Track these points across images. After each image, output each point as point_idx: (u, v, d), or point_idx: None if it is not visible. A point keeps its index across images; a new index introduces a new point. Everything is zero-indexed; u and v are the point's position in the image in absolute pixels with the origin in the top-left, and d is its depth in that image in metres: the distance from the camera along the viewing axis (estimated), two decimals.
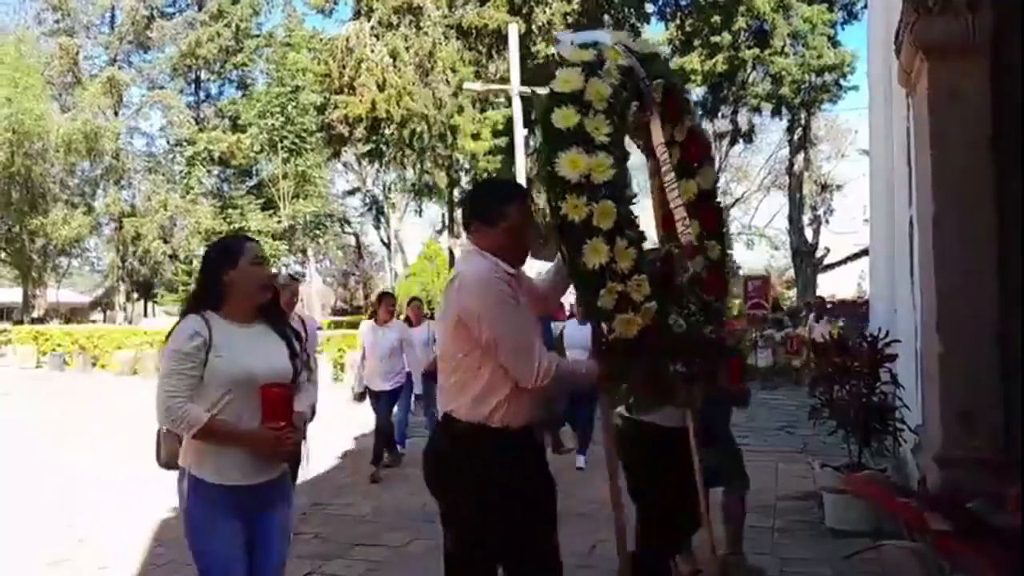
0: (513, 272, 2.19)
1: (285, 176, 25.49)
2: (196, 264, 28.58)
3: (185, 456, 2.29)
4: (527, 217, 2.27)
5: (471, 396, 2.12)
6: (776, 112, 24.42)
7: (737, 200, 41.27)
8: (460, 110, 22.67)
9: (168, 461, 2.41)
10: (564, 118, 2.20)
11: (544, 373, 2.07)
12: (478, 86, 19.40)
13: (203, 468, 2.24)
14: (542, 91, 18.06)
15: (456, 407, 2.17)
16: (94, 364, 17.72)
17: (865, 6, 19.48)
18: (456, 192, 29.00)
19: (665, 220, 2.62)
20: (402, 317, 7.57)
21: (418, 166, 25.67)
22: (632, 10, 23.49)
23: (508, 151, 19.77)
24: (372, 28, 22.83)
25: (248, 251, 2.33)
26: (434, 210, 34.29)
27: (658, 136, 2.50)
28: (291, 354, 2.37)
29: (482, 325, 2.07)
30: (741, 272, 22.94)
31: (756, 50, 22.49)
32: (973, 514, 1.29)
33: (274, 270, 4.01)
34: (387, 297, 7.07)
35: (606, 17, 23.19)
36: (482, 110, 23.06)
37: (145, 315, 32.43)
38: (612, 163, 2.20)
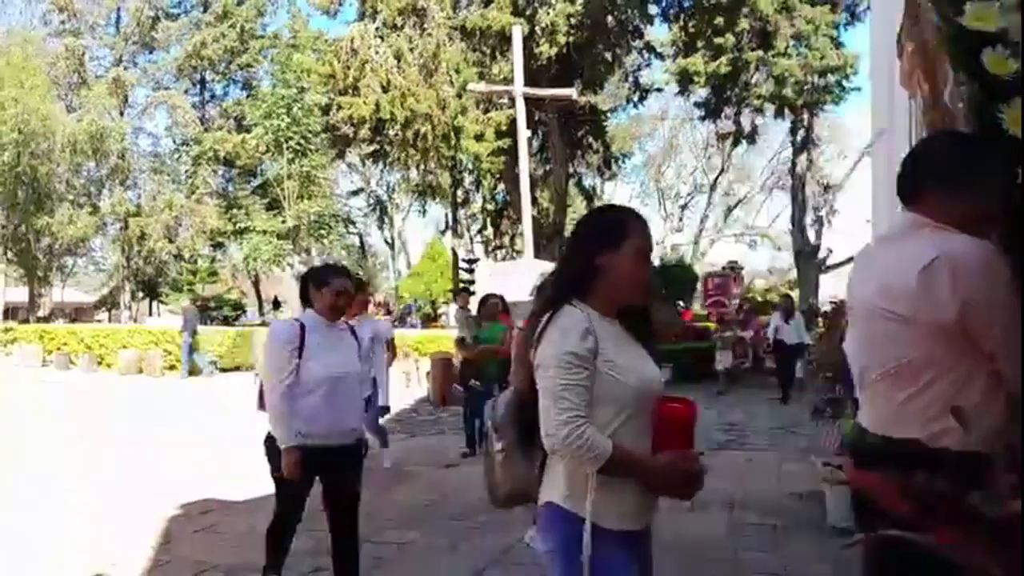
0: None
1: (290, 176, 25.58)
2: (201, 264, 29.03)
3: (570, 498, 1.69)
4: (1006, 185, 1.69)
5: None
6: (779, 113, 24.42)
7: (740, 201, 41.36)
8: (464, 111, 22.72)
9: (515, 493, 1.84)
10: (997, 63, 1.76)
11: None
12: (482, 87, 19.42)
13: (600, 509, 1.66)
14: (542, 92, 18.14)
15: (935, 431, 1.63)
16: (99, 363, 17.80)
17: (868, 8, 19.50)
18: (459, 192, 29.08)
19: None
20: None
21: (422, 167, 25.74)
22: (635, 11, 23.50)
23: (511, 152, 19.79)
24: (376, 29, 22.89)
25: (637, 235, 1.77)
26: (437, 210, 34.46)
27: None
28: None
29: (985, 324, 1.57)
30: (743, 271, 22.98)
31: (759, 51, 22.49)
32: (970, 505, 1.32)
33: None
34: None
35: (609, 19, 23.23)
36: (485, 111, 23.10)
37: (150, 315, 32.52)
38: None
